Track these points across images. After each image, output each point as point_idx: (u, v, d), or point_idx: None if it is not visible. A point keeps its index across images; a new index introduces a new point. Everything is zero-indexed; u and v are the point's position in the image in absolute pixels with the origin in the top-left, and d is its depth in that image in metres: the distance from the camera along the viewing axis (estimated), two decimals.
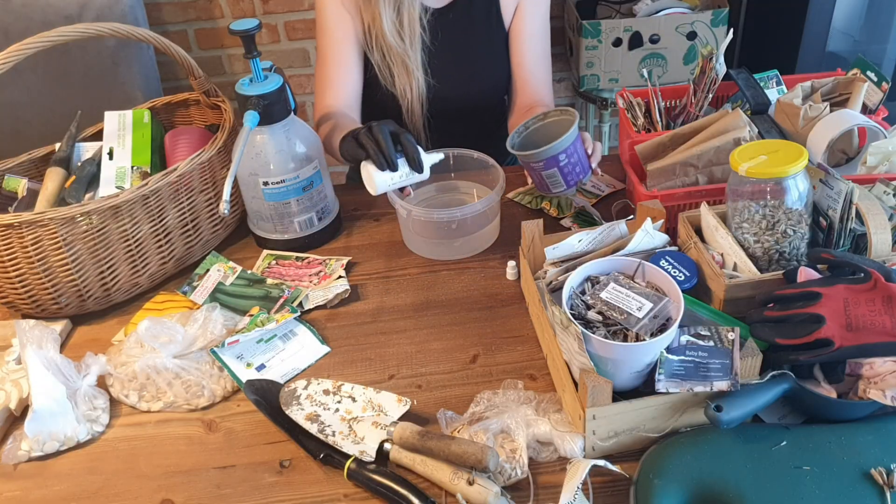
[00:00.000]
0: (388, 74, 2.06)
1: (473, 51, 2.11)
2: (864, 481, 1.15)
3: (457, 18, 2.05)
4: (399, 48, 2.00)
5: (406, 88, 2.06)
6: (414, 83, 2.05)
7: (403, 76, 2.05)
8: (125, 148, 1.85)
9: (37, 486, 1.38)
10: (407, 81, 2.05)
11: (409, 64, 2.02)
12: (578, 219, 1.86)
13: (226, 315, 1.64)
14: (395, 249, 1.86)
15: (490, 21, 2.11)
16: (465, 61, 2.10)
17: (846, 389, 1.29)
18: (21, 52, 1.52)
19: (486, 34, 2.11)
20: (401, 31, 1.98)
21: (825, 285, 1.27)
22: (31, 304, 1.66)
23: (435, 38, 2.04)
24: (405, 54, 2.01)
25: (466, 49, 2.09)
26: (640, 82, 3.29)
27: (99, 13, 2.74)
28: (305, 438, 1.38)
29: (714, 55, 1.84)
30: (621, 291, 1.32)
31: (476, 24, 2.09)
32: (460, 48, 2.08)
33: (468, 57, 2.10)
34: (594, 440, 1.28)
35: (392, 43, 1.99)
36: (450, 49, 2.06)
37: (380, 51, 2.03)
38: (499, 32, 2.13)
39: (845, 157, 1.77)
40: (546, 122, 1.80)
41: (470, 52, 2.10)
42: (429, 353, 1.58)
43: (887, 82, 1.75)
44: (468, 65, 2.11)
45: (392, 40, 1.98)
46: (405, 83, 2.05)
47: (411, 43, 2.00)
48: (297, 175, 1.75)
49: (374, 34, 2.01)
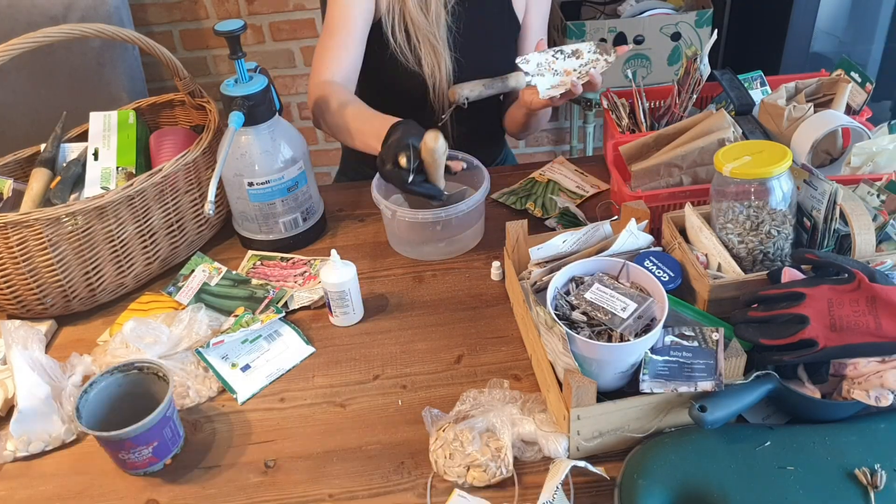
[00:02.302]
0: (410, 55, 2.04)
1: (489, 38, 2.12)
2: (848, 481, 1.16)
3: (472, 6, 2.06)
4: (424, 26, 1.99)
5: (434, 68, 2.05)
6: (443, 63, 2.04)
7: (430, 56, 2.04)
8: (110, 149, 1.84)
9: (22, 487, 1.37)
10: (434, 61, 2.04)
11: (435, 43, 2.02)
12: (563, 219, 1.86)
13: (211, 315, 1.64)
14: (379, 250, 1.86)
15: (503, 13, 2.13)
16: (482, 48, 2.10)
17: (830, 390, 1.29)
18: (6, 53, 1.51)
19: (500, 24, 2.13)
20: (424, 8, 1.99)
21: (809, 286, 1.27)
22: (16, 304, 1.65)
23: (457, 21, 2.05)
24: (431, 33, 2.00)
25: (483, 36, 2.10)
26: (625, 83, 3.29)
27: (84, 14, 2.72)
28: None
29: (698, 56, 1.85)
30: (606, 292, 1.33)
31: (490, 14, 2.11)
32: (477, 35, 2.08)
33: (485, 44, 2.11)
34: (578, 440, 1.28)
35: (418, 19, 1.98)
36: (469, 34, 2.07)
37: (403, 31, 2.02)
38: (511, 25, 2.15)
39: (829, 157, 1.78)
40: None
41: (486, 39, 2.11)
42: (413, 353, 1.58)
43: (871, 83, 1.76)
44: (484, 51, 2.11)
45: (418, 16, 1.98)
46: (433, 63, 2.04)
47: (436, 21, 2.00)
48: (281, 176, 1.75)
49: (399, 12, 2.00)
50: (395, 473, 1.34)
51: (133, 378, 1.41)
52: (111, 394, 1.40)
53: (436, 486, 1.30)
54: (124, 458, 1.33)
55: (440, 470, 1.31)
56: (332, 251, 1.61)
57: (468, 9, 2.05)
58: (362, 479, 1.33)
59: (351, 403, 1.48)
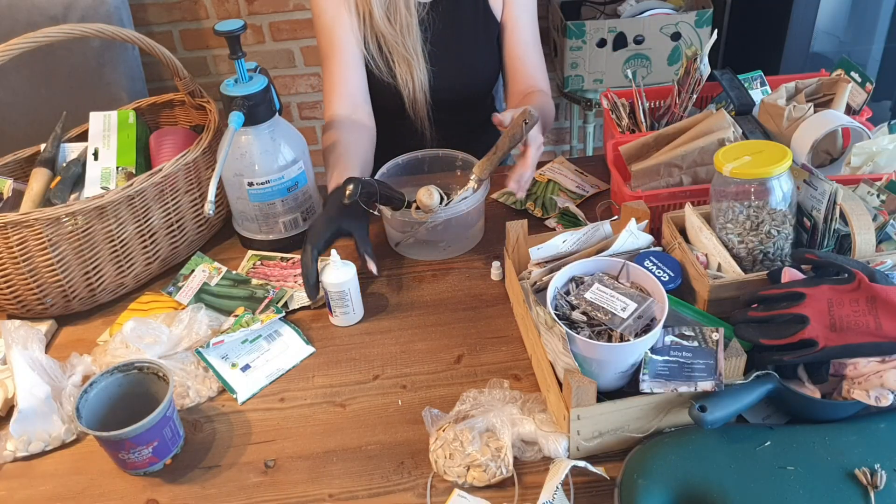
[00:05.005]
0: (384, 66, 2.04)
1: (465, 43, 2.11)
2: (848, 481, 1.16)
3: (446, 11, 2.04)
4: (392, 36, 1.99)
5: (407, 78, 2.05)
6: (415, 73, 2.04)
7: (403, 66, 2.03)
8: (110, 148, 1.84)
9: (22, 487, 1.37)
10: (407, 71, 2.04)
11: (406, 53, 2.01)
12: (563, 219, 1.86)
13: (211, 315, 1.63)
14: (379, 250, 1.86)
15: (478, 14, 2.10)
16: (457, 53, 2.09)
17: (830, 390, 1.29)
18: (6, 53, 1.51)
19: (475, 26, 2.11)
20: (392, 18, 1.97)
21: (809, 286, 1.27)
22: (16, 304, 1.65)
23: (428, 29, 2.03)
24: (400, 43, 2.00)
25: (458, 41, 2.09)
26: (625, 83, 3.29)
27: (84, 14, 2.72)
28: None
29: (698, 56, 1.85)
30: (606, 292, 1.33)
31: (465, 17, 2.09)
32: (452, 40, 2.07)
33: (460, 49, 2.10)
34: (578, 440, 1.28)
35: (385, 31, 1.98)
36: (442, 41, 2.06)
37: (375, 42, 2.02)
38: (490, 25, 2.13)
39: (829, 157, 1.78)
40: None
41: (462, 44, 2.10)
42: (413, 353, 1.58)
43: (871, 83, 1.76)
44: (460, 57, 2.11)
45: (384, 27, 1.97)
46: (406, 73, 2.04)
47: (405, 30, 1.98)
48: (281, 176, 1.75)
49: (369, 25, 2.00)
50: (395, 473, 1.33)
51: (133, 378, 1.41)
52: (111, 394, 1.40)
53: (436, 486, 1.30)
54: (124, 458, 1.33)
55: (440, 470, 1.31)
56: (332, 251, 1.61)
57: (441, 15, 2.03)
58: (362, 479, 1.33)
59: (351, 403, 1.48)
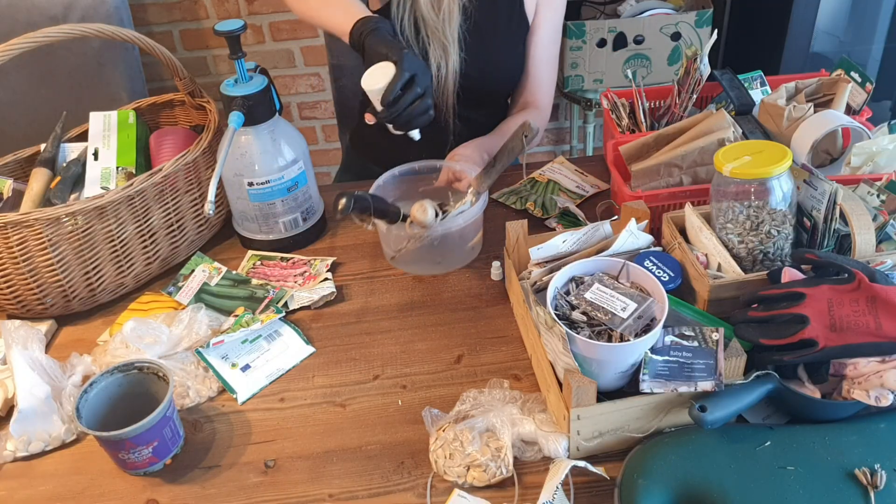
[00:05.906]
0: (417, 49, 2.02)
1: (499, 36, 2.11)
2: (848, 481, 1.16)
3: (483, 5, 2.05)
4: (434, 23, 1.98)
5: (441, 63, 2.04)
6: (450, 60, 2.03)
7: (439, 50, 2.03)
8: (110, 148, 1.84)
9: (22, 487, 1.37)
10: (442, 56, 2.03)
11: (444, 41, 2.00)
12: (563, 219, 1.86)
13: (211, 315, 1.63)
14: (379, 250, 1.86)
15: (513, 13, 2.12)
16: (489, 45, 2.10)
17: (830, 390, 1.29)
18: (6, 53, 1.51)
19: (509, 25, 2.12)
20: (436, 6, 1.97)
21: (809, 286, 1.27)
22: (16, 304, 1.65)
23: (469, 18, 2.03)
24: (441, 30, 1.99)
25: (492, 36, 2.09)
26: (625, 83, 3.29)
27: (84, 14, 2.72)
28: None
29: (698, 56, 1.85)
30: (606, 292, 1.33)
31: (501, 14, 2.10)
32: (487, 35, 2.08)
33: (493, 41, 2.11)
34: (578, 440, 1.28)
35: (428, 16, 1.97)
36: (478, 33, 2.06)
37: (412, 26, 2.01)
38: (521, 26, 2.14)
39: (829, 157, 1.78)
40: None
41: (496, 37, 2.11)
42: (413, 353, 1.58)
43: (871, 83, 1.76)
44: (492, 49, 2.11)
45: (428, 13, 1.96)
46: (440, 58, 2.04)
47: (447, 17, 1.98)
48: (281, 175, 1.75)
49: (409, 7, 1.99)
50: (395, 473, 1.34)
51: (133, 378, 1.41)
52: (111, 394, 1.40)
53: (436, 486, 1.30)
54: (124, 458, 1.33)
55: (440, 470, 1.31)
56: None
57: (479, 7, 2.04)
58: (362, 479, 1.33)
59: (351, 403, 1.48)
